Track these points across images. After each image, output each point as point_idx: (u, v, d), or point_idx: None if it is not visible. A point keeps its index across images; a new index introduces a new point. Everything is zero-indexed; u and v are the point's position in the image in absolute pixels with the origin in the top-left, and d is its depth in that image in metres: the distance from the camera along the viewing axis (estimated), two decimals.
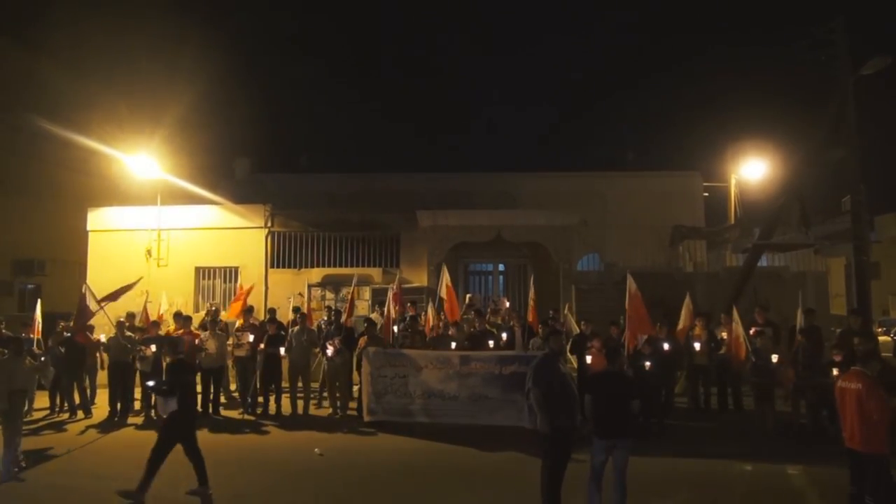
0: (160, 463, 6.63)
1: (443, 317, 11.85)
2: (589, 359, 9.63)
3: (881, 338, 15.99)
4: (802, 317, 10.42)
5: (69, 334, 11.50)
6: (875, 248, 16.34)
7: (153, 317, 12.65)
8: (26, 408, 9.57)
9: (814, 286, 15.24)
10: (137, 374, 11.40)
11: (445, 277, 12.01)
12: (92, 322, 11.92)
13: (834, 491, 6.35)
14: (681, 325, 11.55)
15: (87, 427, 10.49)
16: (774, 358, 9.71)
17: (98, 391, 11.86)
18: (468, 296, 14.19)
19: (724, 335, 11.23)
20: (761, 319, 11.17)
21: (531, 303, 12.10)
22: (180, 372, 7.08)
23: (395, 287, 11.64)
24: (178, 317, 11.95)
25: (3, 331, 11.55)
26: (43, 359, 10.56)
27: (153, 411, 11.13)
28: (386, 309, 11.23)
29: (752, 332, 10.60)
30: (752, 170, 20.93)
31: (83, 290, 11.87)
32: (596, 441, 6.10)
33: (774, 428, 9.54)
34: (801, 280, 15.06)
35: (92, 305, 11.76)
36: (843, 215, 13.02)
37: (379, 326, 11.14)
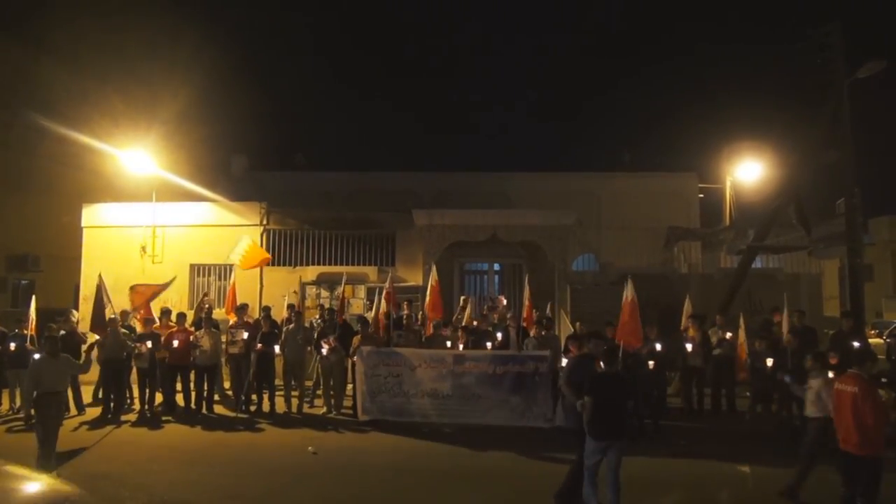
0: None
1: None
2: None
3: (873, 340, 16.04)
4: (795, 317, 10.54)
5: (64, 332, 11.40)
6: (869, 250, 16.40)
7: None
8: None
9: (808, 288, 15.28)
10: (134, 371, 11.38)
11: (432, 275, 12.12)
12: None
13: (825, 492, 6.37)
14: (682, 327, 11.70)
15: (81, 424, 10.39)
16: (769, 362, 9.75)
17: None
18: (462, 297, 14.19)
19: (729, 335, 11.32)
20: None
21: (527, 302, 12.10)
22: None
23: (388, 286, 11.67)
24: (166, 313, 11.89)
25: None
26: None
27: (146, 408, 11.14)
28: (380, 307, 11.24)
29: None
30: (748, 171, 20.99)
31: (98, 284, 11.74)
32: (590, 442, 6.11)
33: (775, 430, 9.54)
34: (795, 282, 15.11)
35: (105, 300, 11.66)
36: (838, 217, 13.05)
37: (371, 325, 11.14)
